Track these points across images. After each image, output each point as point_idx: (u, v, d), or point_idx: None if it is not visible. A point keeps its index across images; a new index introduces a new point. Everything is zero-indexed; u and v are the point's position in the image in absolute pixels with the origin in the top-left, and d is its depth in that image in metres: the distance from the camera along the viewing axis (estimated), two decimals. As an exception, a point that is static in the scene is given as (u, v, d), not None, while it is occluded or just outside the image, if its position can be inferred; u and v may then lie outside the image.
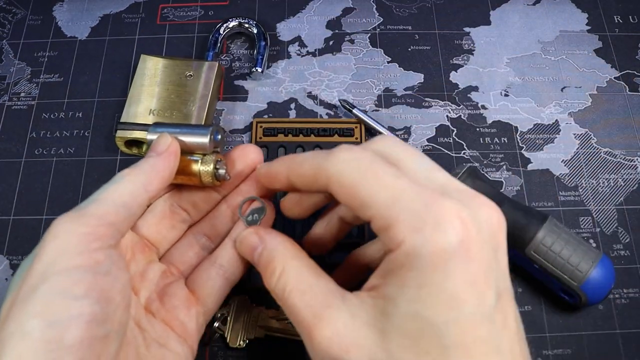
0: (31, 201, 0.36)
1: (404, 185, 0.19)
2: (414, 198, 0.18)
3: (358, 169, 0.20)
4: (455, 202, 0.18)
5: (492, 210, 0.20)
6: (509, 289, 0.20)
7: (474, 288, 0.18)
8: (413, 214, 0.18)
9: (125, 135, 0.35)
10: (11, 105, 0.39)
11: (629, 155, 0.37)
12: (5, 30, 0.42)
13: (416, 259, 0.18)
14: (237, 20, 0.40)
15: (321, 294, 0.21)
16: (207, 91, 0.36)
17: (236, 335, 0.31)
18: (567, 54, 0.41)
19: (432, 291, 0.18)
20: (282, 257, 0.23)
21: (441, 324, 0.18)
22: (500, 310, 0.19)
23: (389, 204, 0.19)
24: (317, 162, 0.21)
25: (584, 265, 0.29)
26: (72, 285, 0.19)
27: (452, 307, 0.18)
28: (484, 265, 0.18)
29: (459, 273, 0.18)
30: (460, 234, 0.18)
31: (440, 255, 0.18)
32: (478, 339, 0.18)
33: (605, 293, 0.29)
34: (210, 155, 0.26)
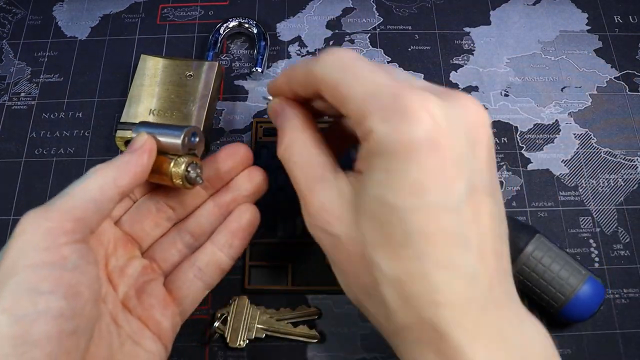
0: (31, 201, 0.36)
1: (379, 79, 0.20)
2: (386, 92, 0.19)
3: (340, 68, 0.21)
4: (426, 95, 0.19)
5: (470, 105, 0.20)
6: (488, 186, 0.20)
7: (439, 178, 0.18)
8: (383, 105, 0.19)
9: (125, 135, 0.35)
10: (11, 105, 0.39)
11: (629, 155, 0.37)
12: (5, 30, 0.42)
13: (384, 146, 0.19)
14: (237, 20, 0.41)
15: (318, 167, 0.22)
16: (207, 91, 0.36)
17: (236, 335, 0.31)
18: (567, 54, 0.41)
19: (396, 177, 0.19)
20: (292, 129, 0.24)
21: (404, 209, 0.18)
22: (472, 205, 0.19)
23: (363, 98, 0.20)
24: (307, 67, 0.23)
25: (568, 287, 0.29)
26: (38, 281, 0.19)
27: (414, 194, 0.18)
28: (453, 157, 0.18)
29: (423, 162, 0.18)
30: (426, 124, 0.18)
31: (406, 144, 0.18)
32: (441, 229, 0.18)
33: (590, 313, 0.29)
34: (184, 157, 0.26)
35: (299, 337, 0.31)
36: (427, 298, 0.18)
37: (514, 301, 0.20)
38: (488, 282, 0.19)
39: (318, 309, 0.32)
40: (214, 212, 0.29)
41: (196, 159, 0.27)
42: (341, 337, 0.31)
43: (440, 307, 0.18)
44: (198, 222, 0.29)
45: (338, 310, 0.32)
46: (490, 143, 0.20)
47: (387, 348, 0.31)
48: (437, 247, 0.18)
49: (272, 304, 0.32)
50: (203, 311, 0.32)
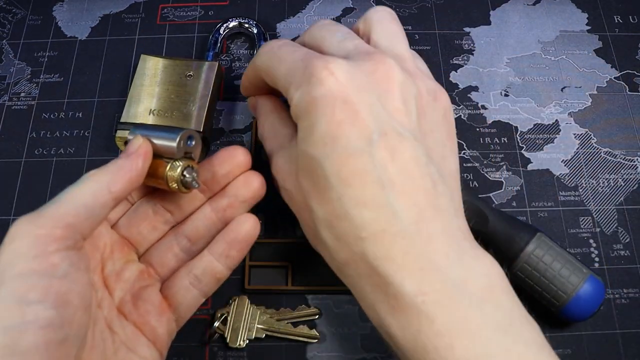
0: (31, 201, 0.36)
1: (295, 57, 0.23)
2: (299, 65, 0.23)
3: (268, 55, 0.25)
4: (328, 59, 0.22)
5: (379, 62, 0.22)
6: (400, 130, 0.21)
7: (345, 127, 0.21)
8: (297, 76, 0.22)
9: (125, 135, 0.34)
10: (11, 105, 0.39)
11: (629, 155, 0.37)
12: (5, 30, 0.42)
13: (299, 108, 0.22)
14: (237, 20, 0.41)
15: (280, 138, 0.27)
16: (207, 91, 0.36)
17: (236, 335, 0.31)
18: (567, 54, 0.41)
19: (309, 131, 0.22)
20: (263, 113, 0.29)
21: (319, 158, 0.21)
22: (385, 148, 0.21)
23: (285, 74, 0.23)
24: (251, 62, 0.28)
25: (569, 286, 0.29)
26: (26, 291, 0.19)
27: (326, 143, 0.21)
28: (357, 108, 0.21)
29: (329, 115, 0.21)
30: (327, 83, 0.21)
31: (312, 102, 0.21)
32: (355, 171, 0.21)
33: (591, 312, 0.29)
34: (180, 160, 0.26)
35: (299, 337, 0.31)
36: (353, 235, 0.21)
37: (459, 237, 0.21)
38: (415, 217, 0.20)
39: (318, 309, 0.32)
40: (211, 216, 0.28)
41: (192, 163, 0.27)
42: (341, 337, 0.31)
43: (366, 242, 0.20)
44: (195, 226, 0.28)
45: (338, 310, 0.32)
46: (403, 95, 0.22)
47: (388, 348, 0.31)
48: (354, 188, 0.21)
49: (272, 304, 0.32)
50: (203, 311, 0.32)
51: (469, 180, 0.36)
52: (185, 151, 0.26)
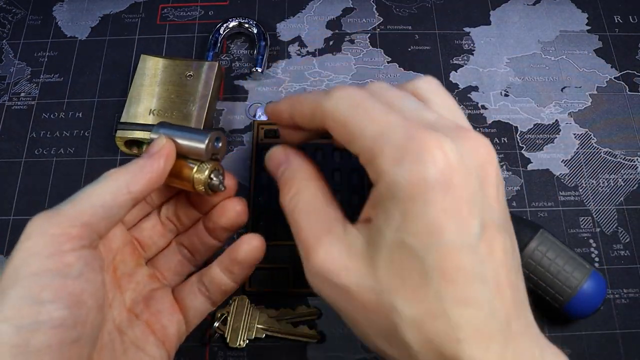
0: (31, 201, 0.36)
1: (391, 119, 0.20)
2: (398, 131, 0.19)
3: (350, 105, 0.21)
4: (438, 134, 0.19)
5: (479, 142, 0.20)
6: (496, 221, 0.20)
7: (455, 217, 0.18)
8: (395, 146, 0.19)
9: (125, 135, 0.35)
10: (11, 105, 0.39)
11: (629, 155, 0.37)
12: (5, 30, 0.42)
13: (398, 189, 0.19)
14: (237, 20, 0.41)
15: (326, 219, 0.22)
16: (207, 91, 0.36)
17: (236, 335, 0.31)
18: (567, 54, 0.41)
19: (413, 219, 0.18)
20: (300, 179, 0.23)
21: (422, 250, 0.18)
22: (485, 241, 0.19)
23: (375, 137, 0.19)
24: (315, 100, 0.22)
25: (573, 281, 0.29)
26: (40, 290, 0.19)
27: (431, 234, 0.18)
28: (466, 195, 0.19)
29: (438, 202, 0.18)
30: (440, 164, 0.18)
31: (420, 185, 0.18)
32: (459, 267, 0.18)
33: (593, 309, 0.29)
34: (207, 162, 0.25)
35: (299, 337, 0.31)
36: (448, 336, 0.18)
37: (534, 332, 0.20)
38: (506, 315, 0.19)
39: (318, 309, 0.32)
40: (205, 233, 0.28)
41: (218, 165, 0.26)
42: (341, 337, 0.31)
43: (462, 344, 0.18)
44: (192, 240, 0.29)
45: (338, 310, 0.32)
46: (498, 179, 0.20)
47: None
48: (455, 285, 0.18)
49: (272, 304, 0.32)
50: (203, 311, 0.32)
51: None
52: (212, 153, 0.25)
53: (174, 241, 0.29)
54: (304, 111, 0.23)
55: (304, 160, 0.25)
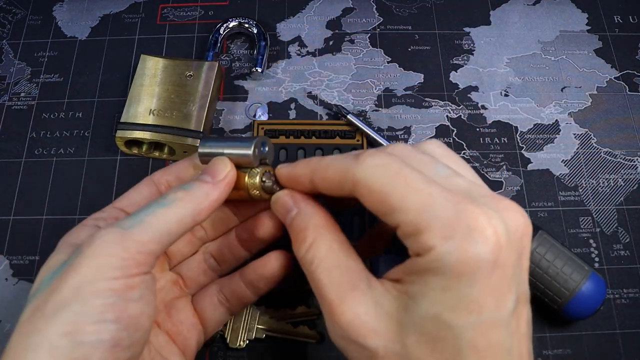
0: (31, 201, 0.36)
1: (434, 190, 0.19)
2: (445, 204, 0.18)
3: (387, 174, 0.20)
4: (485, 210, 0.18)
5: (518, 214, 0.20)
6: (526, 292, 0.20)
7: (496, 294, 0.18)
8: (444, 220, 0.18)
9: (125, 135, 0.35)
10: (11, 105, 0.39)
11: (629, 155, 0.37)
12: (5, 30, 0.42)
13: (444, 265, 0.18)
14: (237, 20, 0.41)
15: (348, 274, 0.21)
16: (207, 91, 0.36)
17: (236, 335, 0.31)
18: (567, 54, 0.41)
19: (455, 296, 0.18)
20: (315, 227, 0.22)
21: (459, 327, 0.18)
22: (516, 315, 0.19)
23: (419, 210, 0.19)
24: (343, 166, 0.21)
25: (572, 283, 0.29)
26: (104, 309, 0.19)
27: (472, 311, 0.18)
28: (509, 272, 0.18)
29: (484, 280, 0.18)
30: (491, 243, 0.18)
31: (469, 263, 0.18)
32: (492, 343, 0.18)
33: (592, 310, 0.29)
34: (257, 167, 0.25)
35: (299, 337, 0.31)
36: None
37: None
38: None
39: (318, 310, 0.32)
40: (236, 243, 0.28)
41: (268, 168, 0.26)
42: (341, 337, 0.31)
43: None
44: (223, 247, 0.28)
45: (338, 310, 0.32)
46: (529, 250, 0.20)
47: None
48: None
49: (272, 304, 0.32)
50: (203, 311, 0.32)
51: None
52: (260, 158, 0.25)
53: (200, 249, 0.29)
54: (330, 178, 0.22)
55: (314, 206, 0.23)
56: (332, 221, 0.23)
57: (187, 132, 0.34)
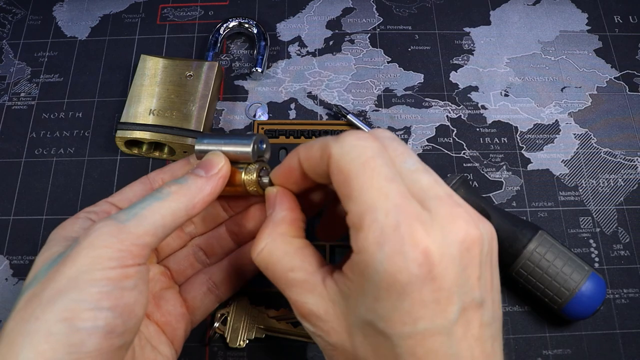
0: (31, 201, 0.36)
1: (391, 191, 0.19)
2: (391, 210, 0.18)
3: (358, 159, 0.20)
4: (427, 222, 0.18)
5: (467, 225, 0.19)
6: (476, 299, 0.19)
7: (432, 306, 0.18)
8: (383, 228, 0.18)
9: (125, 135, 0.35)
10: (11, 105, 0.39)
11: (629, 155, 0.37)
12: (5, 30, 0.42)
13: (374, 272, 0.18)
14: (237, 20, 0.40)
15: (303, 277, 0.22)
16: (207, 91, 0.36)
17: (236, 335, 0.31)
18: (567, 54, 0.41)
19: (386, 307, 0.18)
20: (270, 233, 0.23)
21: (395, 335, 0.18)
22: (462, 322, 0.19)
23: (368, 206, 0.19)
24: (325, 142, 0.21)
25: (572, 282, 0.29)
26: (100, 297, 0.20)
27: (406, 323, 0.18)
28: (447, 285, 0.18)
29: (416, 294, 0.18)
30: (420, 260, 0.18)
31: (397, 276, 0.18)
32: (431, 351, 0.18)
33: (592, 310, 0.29)
34: (254, 164, 0.26)
35: (299, 337, 0.31)
36: None
37: None
38: None
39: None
40: (225, 236, 0.29)
41: (265, 165, 0.26)
42: (341, 337, 0.31)
43: None
44: (210, 242, 0.29)
45: (338, 310, 0.32)
46: (482, 258, 0.20)
47: None
48: None
49: (272, 304, 0.32)
50: (203, 311, 0.32)
51: (469, 181, 0.36)
52: (258, 155, 0.26)
53: (190, 243, 0.29)
54: (313, 154, 0.22)
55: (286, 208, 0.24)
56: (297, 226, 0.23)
57: (187, 132, 0.34)
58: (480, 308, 0.20)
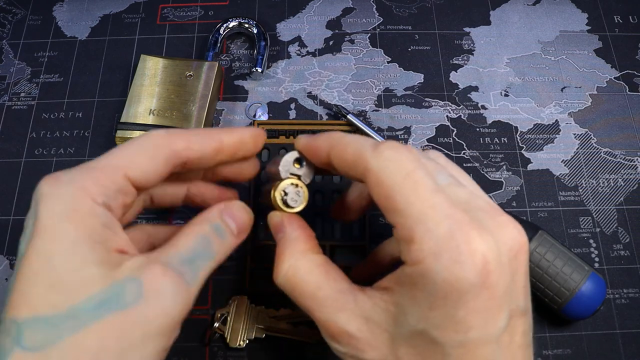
0: (31, 201, 0.35)
1: (437, 202, 0.19)
2: (442, 220, 0.18)
3: (399, 172, 0.20)
4: (479, 230, 0.18)
5: (514, 231, 0.20)
6: (522, 305, 0.20)
7: (485, 315, 0.18)
8: (437, 237, 0.18)
9: (125, 135, 0.35)
10: (11, 105, 0.39)
11: (629, 155, 0.37)
12: (5, 30, 0.42)
13: (431, 282, 0.18)
14: (237, 20, 0.40)
15: (332, 296, 0.21)
16: (207, 91, 0.36)
17: (236, 335, 0.31)
18: (567, 54, 0.41)
19: (441, 315, 0.18)
20: (292, 254, 0.23)
21: (446, 344, 0.19)
22: (509, 330, 0.19)
23: (418, 219, 0.19)
24: (360, 150, 0.21)
25: (572, 283, 0.29)
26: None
27: (459, 331, 0.18)
28: (500, 293, 0.18)
29: (471, 302, 0.18)
30: (479, 266, 0.18)
31: (456, 285, 0.18)
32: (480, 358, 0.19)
33: (592, 310, 0.29)
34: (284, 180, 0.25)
35: (299, 337, 0.31)
36: None
37: None
38: None
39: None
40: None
41: (298, 182, 0.26)
42: (341, 337, 0.31)
43: None
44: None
45: (338, 310, 0.32)
46: (526, 266, 0.20)
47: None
48: None
49: (272, 304, 0.32)
50: (203, 311, 0.32)
51: (469, 180, 0.36)
52: (291, 172, 0.26)
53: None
54: (346, 157, 0.22)
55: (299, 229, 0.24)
56: (313, 243, 0.23)
57: (187, 132, 0.34)
58: (523, 316, 0.20)
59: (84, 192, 0.20)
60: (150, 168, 0.22)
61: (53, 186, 0.20)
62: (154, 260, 0.20)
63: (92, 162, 0.22)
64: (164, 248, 0.21)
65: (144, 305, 0.19)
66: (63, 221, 0.19)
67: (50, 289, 0.18)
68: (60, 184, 0.20)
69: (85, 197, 0.20)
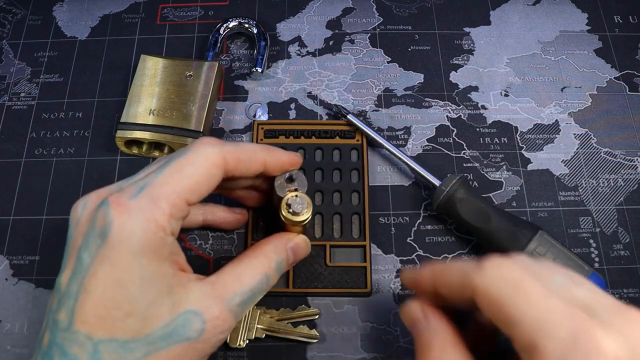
0: (31, 201, 0.36)
1: (553, 305, 0.19)
2: (563, 322, 0.18)
3: (507, 285, 0.20)
4: (607, 329, 0.18)
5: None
6: None
7: None
8: (561, 341, 0.18)
9: (125, 135, 0.35)
10: (11, 105, 0.39)
11: (629, 155, 0.37)
12: (5, 30, 0.42)
13: None
14: (237, 20, 0.41)
15: None
16: (207, 91, 0.36)
17: (236, 335, 0.31)
18: (567, 54, 0.41)
19: None
20: (441, 346, 0.23)
21: None
22: None
23: (536, 326, 0.18)
24: (464, 272, 0.21)
25: None
26: None
27: None
28: None
29: None
30: None
31: None
32: None
33: None
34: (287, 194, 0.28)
35: (299, 337, 0.31)
36: None
37: None
38: None
39: (318, 309, 0.32)
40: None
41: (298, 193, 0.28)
42: (341, 337, 0.31)
43: None
44: None
45: (338, 310, 0.32)
46: None
47: (387, 348, 0.31)
48: None
49: (272, 304, 0.32)
50: (203, 311, 0.32)
51: (469, 181, 0.36)
52: (287, 189, 0.28)
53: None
54: (451, 283, 0.22)
55: (441, 320, 0.24)
56: (457, 337, 0.23)
57: (187, 132, 0.34)
58: None
59: (156, 225, 0.22)
60: (206, 191, 0.24)
61: (124, 214, 0.21)
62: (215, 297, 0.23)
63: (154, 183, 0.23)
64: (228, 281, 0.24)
65: (202, 341, 0.22)
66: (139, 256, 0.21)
67: (128, 317, 0.21)
68: (131, 214, 0.22)
69: (158, 231, 0.22)
